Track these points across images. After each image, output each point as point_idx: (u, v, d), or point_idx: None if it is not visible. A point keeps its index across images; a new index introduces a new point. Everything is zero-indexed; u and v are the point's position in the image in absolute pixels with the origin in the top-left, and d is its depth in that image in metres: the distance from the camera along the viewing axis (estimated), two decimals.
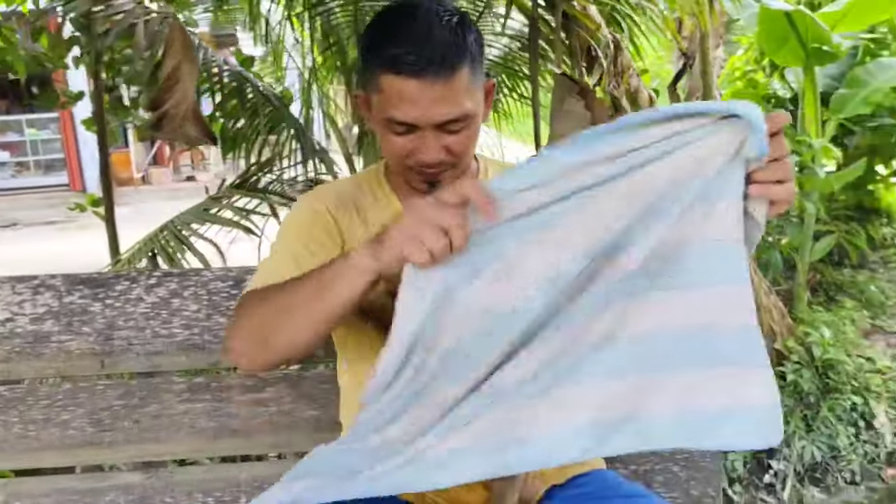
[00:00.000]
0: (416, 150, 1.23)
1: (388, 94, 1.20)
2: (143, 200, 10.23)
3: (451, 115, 1.20)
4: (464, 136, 1.24)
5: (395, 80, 1.18)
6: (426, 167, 1.25)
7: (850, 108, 4.03)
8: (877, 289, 4.35)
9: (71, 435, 1.45)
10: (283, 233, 1.33)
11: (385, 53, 1.18)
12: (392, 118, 1.21)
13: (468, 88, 1.21)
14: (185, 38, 2.73)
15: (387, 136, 1.25)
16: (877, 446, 3.40)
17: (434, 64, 1.16)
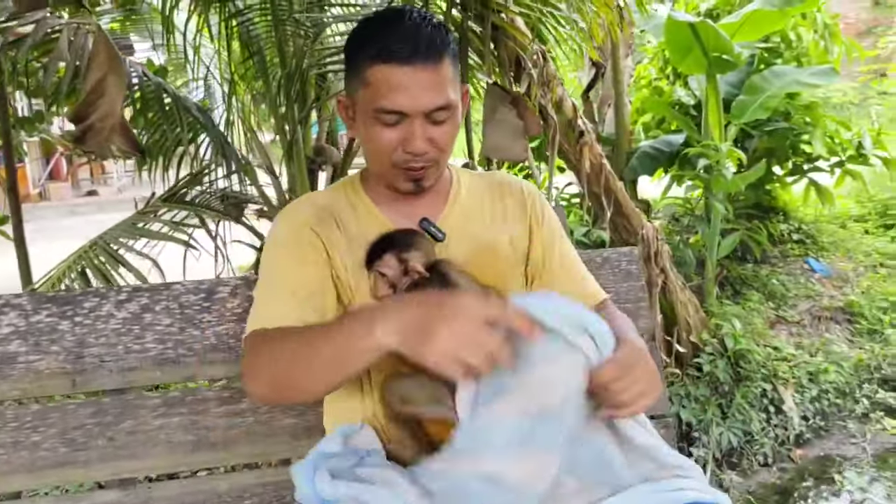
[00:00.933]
0: (404, 141, 1.29)
1: (377, 85, 1.26)
2: (43, 217, 9.75)
3: (439, 103, 1.28)
4: (447, 129, 1.31)
5: (385, 69, 1.25)
6: (412, 162, 1.30)
7: (749, 113, 4.27)
8: (778, 282, 4.61)
9: (42, 456, 1.41)
10: (272, 260, 1.36)
11: (375, 46, 1.26)
12: (381, 108, 1.27)
13: (452, 80, 1.30)
14: (110, 50, 2.66)
15: (374, 131, 1.30)
16: (786, 429, 3.60)
17: (422, 53, 1.25)
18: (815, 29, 4.88)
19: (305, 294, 1.28)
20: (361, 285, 1.34)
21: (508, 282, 1.43)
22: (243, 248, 3.74)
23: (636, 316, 1.67)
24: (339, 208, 1.41)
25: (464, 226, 1.43)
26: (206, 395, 1.49)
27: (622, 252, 1.70)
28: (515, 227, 1.48)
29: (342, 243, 1.36)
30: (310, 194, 1.53)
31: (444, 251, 1.39)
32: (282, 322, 1.24)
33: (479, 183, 1.53)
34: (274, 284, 1.33)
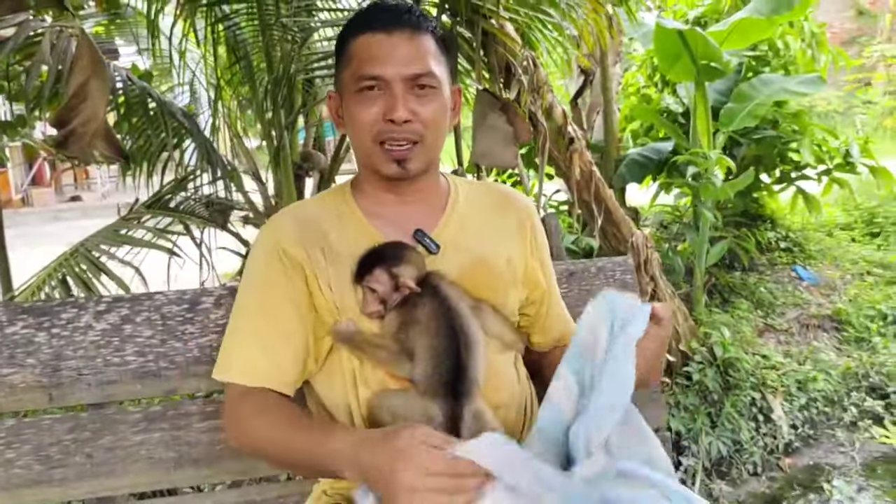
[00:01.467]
0: (385, 111, 1.27)
1: (358, 55, 1.28)
2: (25, 223, 9.64)
3: (419, 69, 1.27)
4: (431, 106, 1.29)
5: (365, 38, 1.28)
6: (394, 133, 1.27)
7: (737, 121, 4.27)
8: (766, 290, 4.61)
9: (17, 474, 1.36)
10: (247, 293, 1.35)
11: (358, 22, 1.30)
12: (363, 75, 1.27)
13: (434, 56, 1.30)
14: (94, 54, 2.61)
15: (357, 108, 1.29)
16: (775, 438, 3.59)
17: (401, 22, 1.28)
18: (802, 38, 4.89)
19: (280, 341, 1.28)
20: (346, 302, 1.29)
21: (501, 299, 1.39)
22: (228, 255, 3.69)
23: None
24: (325, 220, 1.36)
25: (460, 238, 1.39)
26: (189, 409, 1.44)
27: (616, 262, 1.67)
28: (514, 245, 1.44)
29: (324, 259, 1.31)
30: (295, 205, 1.49)
31: (437, 263, 1.34)
32: (254, 381, 1.27)
33: (478, 193, 1.49)
34: (249, 324, 1.32)
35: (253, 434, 1.25)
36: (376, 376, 1.27)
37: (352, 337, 1.27)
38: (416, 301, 1.26)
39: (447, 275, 1.32)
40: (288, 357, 1.28)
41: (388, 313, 1.28)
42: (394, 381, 1.27)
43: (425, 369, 1.23)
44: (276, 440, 1.22)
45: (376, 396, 1.25)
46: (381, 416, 1.22)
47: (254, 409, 1.25)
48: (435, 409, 1.20)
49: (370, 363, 1.27)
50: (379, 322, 1.29)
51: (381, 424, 1.22)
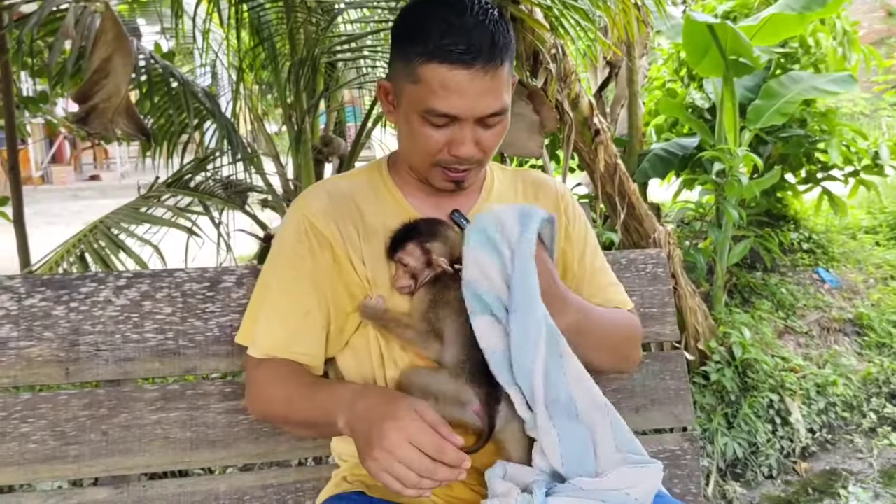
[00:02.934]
0: (450, 144, 1.21)
1: (430, 85, 1.17)
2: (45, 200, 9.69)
3: (495, 108, 1.19)
4: (496, 132, 1.24)
5: (441, 69, 1.16)
6: (457, 164, 1.23)
7: (765, 118, 4.19)
8: (787, 291, 4.55)
9: (31, 449, 1.33)
10: (274, 266, 1.33)
11: (432, 43, 1.16)
12: (433, 109, 1.18)
13: (508, 82, 1.21)
14: (118, 30, 2.59)
15: (420, 130, 1.22)
16: (792, 441, 3.56)
17: (483, 55, 1.15)
18: (833, 35, 4.80)
19: (298, 318, 1.27)
20: (379, 278, 1.27)
21: None
22: (246, 238, 3.67)
23: (662, 322, 1.60)
24: (359, 195, 1.33)
25: None
26: (207, 389, 1.41)
27: (649, 254, 1.62)
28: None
29: (357, 235, 1.29)
30: (329, 179, 1.46)
31: None
32: (273, 352, 1.27)
33: (511, 179, 1.46)
34: (271, 300, 1.30)
35: (266, 399, 1.26)
36: (404, 358, 1.24)
37: (380, 315, 1.24)
38: (449, 282, 1.23)
39: None
40: (306, 335, 1.27)
41: (419, 290, 1.25)
42: (422, 362, 1.24)
43: (457, 354, 1.20)
44: (286, 397, 1.23)
45: (406, 374, 1.22)
46: (412, 394, 1.18)
47: (270, 377, 1.26)
48: (469, 394, 1.17)
49: (397, 343, 1.25)
50: (408, 299, 1.26)
51: None
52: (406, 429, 1.00)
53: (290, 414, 1.23)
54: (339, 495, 1.27)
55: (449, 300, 1.22)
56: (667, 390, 1.58)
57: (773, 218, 5.15)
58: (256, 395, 1.28)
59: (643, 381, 1.56)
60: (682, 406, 1.57)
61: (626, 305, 1.45)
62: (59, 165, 12.16)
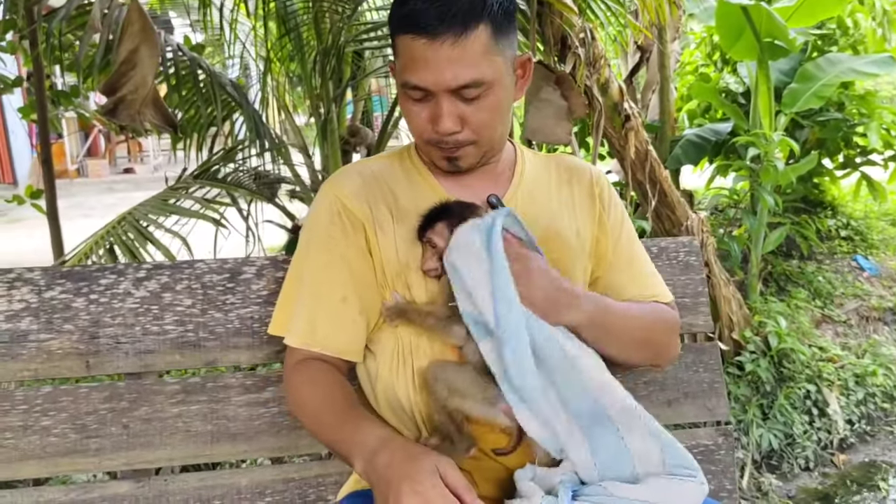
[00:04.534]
0: (432, 119, 1.17)
1: (403, 58, 1.15)
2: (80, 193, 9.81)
3: (465, 79, 1.13)
4: (482, 107, 1.17)
5: (407, 40, 1.13)
6: (442, 140, 1.18)
7: (801, 102, 4.08)
8: (824, 279, 4.45)
9: (52, 442, 1.32)
10: (305, 252, 1.29)
11: (400, 13, 1.14)
12: (407, 82, 1.16)
13: (486, 52, 1.13)
14: (144, 21, 2.59)
15: (405, 106, 1.20)
16: (829, 433, 3.48)
17: (445, 22, 1.10)
18: (873, 16, 4.67)
19: (335, 305, 1.23)
20: (412, 260, 1.23)
21: (570, 273, 1.30)
22: (274, 230, 3.67)
23: (695, 312, 1.55)
24: (391, 178, 1.30)
25: (529, 209, 1.30)
26: (228, 382, 1.39)
27: (681, 242, 1.57)
28: (583, 217, 1.36)
29: (391, 216, 1.25)
30: (360, 161, 1.42)
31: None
32: (310, 343, 1.24)
33: (544, 164, 1.40)
34: (306, 287, 1.26)
35: (300, 403, 1.23)
36: (433, 347, 1.20)
37: (402, 308, 1.21)
38: None
39: None
40: (344, 324, 1.23)
41: (445, 276, 1.20)
42: (450, 351, 1.20)
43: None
44: (314, 414, 1.19)
45: (433, 368, 1.18)
46: (437, 388, 1.15)
47: (305, 379, 1.22)
48: (494, 392, 1.13)
49: (424, 334, 1.21)
50: (434, 285, 1.22)
51: (436, 397, 1.15)
52: (424, 493, 0.95)
53: (317, 432, 1.20)
54: (358, 492, 1.25)
55: None
56: (700, 383, 1.52)
57: (810, 204, 5.04)
58: (291, 395, 1.26)
59: (675, 374, 1.51)
60: (717, 399, 1.52)
61: (664, 298, 1.39)
62: (94, 159, 12.31)
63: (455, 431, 1.14)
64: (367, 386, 1.30)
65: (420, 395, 1.20)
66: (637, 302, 1.34)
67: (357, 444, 1.08)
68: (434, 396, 1.16)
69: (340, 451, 1.14)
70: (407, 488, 0.95)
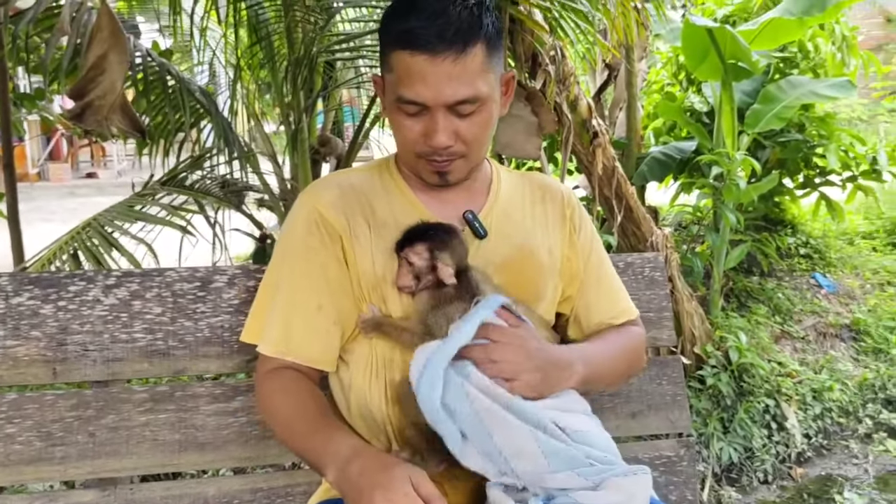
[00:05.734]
0: (426, 133, 1.19)
1: (398, 73, 1.17)
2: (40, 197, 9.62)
3: (463, 96, 1.16)
4: (475, 122, 1.20)
5: (405, 56, 1.15)
6: (436, 154, 1.20)
7: (763, 122, 4.18)
8: (784, 296, 4.54)
9: (17, 450, 1.31)
10: (282, 260, 1.30)
11: (397, 29, 1.16)
12: (401, 97, 1.17)
13: (482, 70, 1.17)
14: (114, 26, 2.56)
15: (397, 121, 1.21)
16: (787, 447, 3.54)
17: (446, 40, 1.13)
18: (832, 41, 4.79)
19: (311, 313, 1.24)
20: (388, 273, 1.25)
21: (542, 292, 1.34)
22: (241, 238, 3.65)
23: (659, 326, 1.59)
24: (370, 190, 1.32)
25: (504, 226, 1.34)
26: (197, 391, 1.39)
27: (646, 258, 1.61)
28: (555, 236, 1.39)
29: (368, 227, 1.27)
30: (338, 172, 1.44)
31: (483, 251, 1.30)
32: (284, 351, 1.24)
33: (518, 181, 1.44)
34: (281, 295, 1.27)
35: (271, 411, 1.23)
36: (406, 361, 1.22)
37: (378, 321, 1.22)
38: (452, 295, 1.21)
39: (490, 264, 1.28)
40: (318, 332, 1.25)
41: (420, 293, 1.23)
42: None
43: None
44: (286, 422, 1.20)
45: (405, 384, 1.19)
46: (407, 405, 1.16)
47: (278, 387, 1.23)
48: None
49: (399, 347, 1.23)
50: (409, 299, 1.24)
51: (408, 412, 1.17)
52: (396, 502, 0.96)
53: (287, 441, 1.21)
54: (328, 501, 1.25)
55: (448, 312, 1.20)
56: (663, 395, 1.56)
57: (771, 222, 5.14)
58: (263, 403, 1.27)
59: (640, 386, 1.55)
60: (679, 411, 1.55)
61: (630, 314, 1.43)
62: (56, 163, 12.11)
63: (426, 447, 1.15)
64: (339, 395, 1.31)
65: (392, 408, 1.22)
66: (612, 333, 1.38)
67: (329, 453, 1.09)
68: (405, 412, 1.18)
69: (311, 460, 1.14)
70: (379, 497, 0.96)
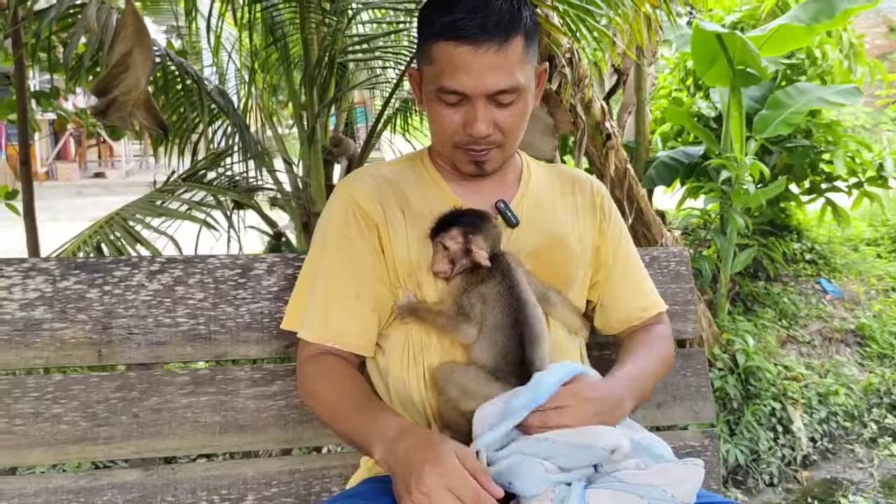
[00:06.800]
0: (465, 123, 1.23)
1: (440, 63, 1.20)
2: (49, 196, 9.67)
3: (504, 85, 1.20)
4: (513, 112, 1.24)
5: (448, 47, 1.19)
6: (475, 144, 1.24)
7: (771, 128, 4.22)
8: (789, 301, 4.56)
9: (62, 430, 1.34)
10: (321, 251, 1.33)
11: (440, 21, 1.19)
12: (443, 87, 1.21)
13: (521, 61, 1.21)
14: (138, 24, 2.61)
15: (436, 111, 1.25)
16: (793, 450, 3.56)
17: (489, 30, 1.17)
18: (840, 48, 4.84)
19: (349, 301, 1.28)
20: (423, 261, 1.29)
21: (573, 277, 1.38)
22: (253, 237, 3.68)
23: (684, 319, 1.62)
24: (404, 181, 1.36)
25: (535, 215, 1.38)
26: (237, 374, 1.42)
27: (671, 252, 1.64)
28: (585, 225, 1.43)
29: (403, 217, 1.31)
30: (371, 165, 1.49)
31: (515, 238, 1.34)
32: (324, 337, 1.28)
33: (547, 173, 1.48)
34: (320, 284, 1.31)
35: (314, 395, 1.26)
36: (443, 345, 1.26)
37: (413, 307, 1.26)
38: (485, 276, 1.24)
39: (521, 251, 1.32)
40: (357, 319, 1.28)
41: (455, 278, 1.26)
42: (459, 349, 1.25)
43: (494, 354, 1.21)
44: (330, 405, 1.23)
45: (442, 370, 1.23)
46: (447, 390, 1.20)
47: (320, 372, 1.26)
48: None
49: (434, 332, 1.26)
50: (444, 285, 1.28)
51: (447, 398, 1.20)
52: (446, 475, 0.99)
53: (331, 422, 1.23)
54: (373, 478, 1.28)
55: (485, 293, 1.23)
56: (688, 387, 1.60)
57: (776, 228, 5.17)
58: (305, 386, 1.29)
59: (665, 378, 1.58)
60: (703, 402, 1.59)
61: (658, 308, 1.47)
62: (65, 162, 12.16)
63: (467, 430, 1.18)
64: (377, 381, 1.34)
65: (430, 393, 1.26)
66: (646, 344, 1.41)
67: (375, 432, 1.12)
68: (445, 397, 1.21)
69: (357, 440, 1.17)
70: (429, 469, 0.99)
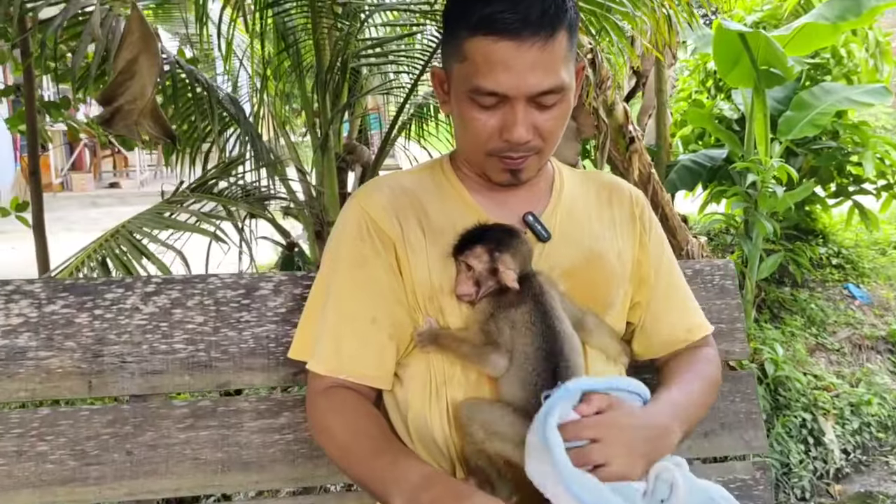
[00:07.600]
0: (503, 128, 1.10)
1: (475, 61, 1.07)
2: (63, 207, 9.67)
3: (548, 85, 1.07)
4: (555, 115, 1.11)
5: (486, 42, 1.05)
6: (511, 151, 1.11)
7: (797, 130, 4.09)
8: (817, 307, 4.44)
9: (49, 470, 1.23)
10: (332, 270, 1.21)
11: (475, 14, 1.05)
12: (479, 88, 1.07)
13: (565, 58, 1.09)
14: (144, 30, 2.51)
15: (469, 114, 1.11)
16: (825, 462, 3.45)
17: (533, 24, 1.03)
18: (866, 47, 4.70)
19: (364, 327, 1.15)
20: (446, 283, 1.16)
21: (612, 299, 1.24)
22: (265, 247, 3.60)
23: (731, 339, 1.49)
24: (424, 193, 1.23)
25: (569, 228, 1.24)
26: (241, 406, 1.30)
27: (716, 265, 1.51)
28: (624, 238, 1.29)
29: (423, 234, 1.18)
30: (389, 174, 1.33)
31: (547, 255, 1.20)
32: (336, 370, 1.16)
33: (581, 180, 1.34)
34: (332, 308, 1.18)
35: (326, 433, 1.15)
36: (468, 378, 1.13)
37: (435, 336, 1.13)
38: (515, 300, 1.11)
39: (554, 269, 1.18)
40: (372, 347, 1.16)
41: (480, 301, 1.13)
42: (486, 382, 1.12)
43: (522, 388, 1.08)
44: (343, 445, 1.11)
45: (465, 407, 1.10)
46: (472, 430, 1.07)
47: (332, 407, 1.14)
48: None
49: (459, 362, 1.14)
50: (469, 309, 1.15)
51: (473, 440, 1.07)
52: None
53: (344, 463, 1.12)
54: None
55: (513, 318, 1.10)
56: (737, 413, 1.46)
57: (802, 232, 5.04)
58: (316, 422, 1.18)
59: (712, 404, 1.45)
60: (754, 431, 1.45)
61: (704, 330, 1.34)
62: (79, 173, 12.22)
63: (496, 477, 1.05)
64: (395, 416, 1.21)
65: (455, 432, 1.13)
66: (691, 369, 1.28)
67: (396, 480, 1.00)
68: (470, 439, 1.08)
69: (372, 486, 1.05)
70: None
